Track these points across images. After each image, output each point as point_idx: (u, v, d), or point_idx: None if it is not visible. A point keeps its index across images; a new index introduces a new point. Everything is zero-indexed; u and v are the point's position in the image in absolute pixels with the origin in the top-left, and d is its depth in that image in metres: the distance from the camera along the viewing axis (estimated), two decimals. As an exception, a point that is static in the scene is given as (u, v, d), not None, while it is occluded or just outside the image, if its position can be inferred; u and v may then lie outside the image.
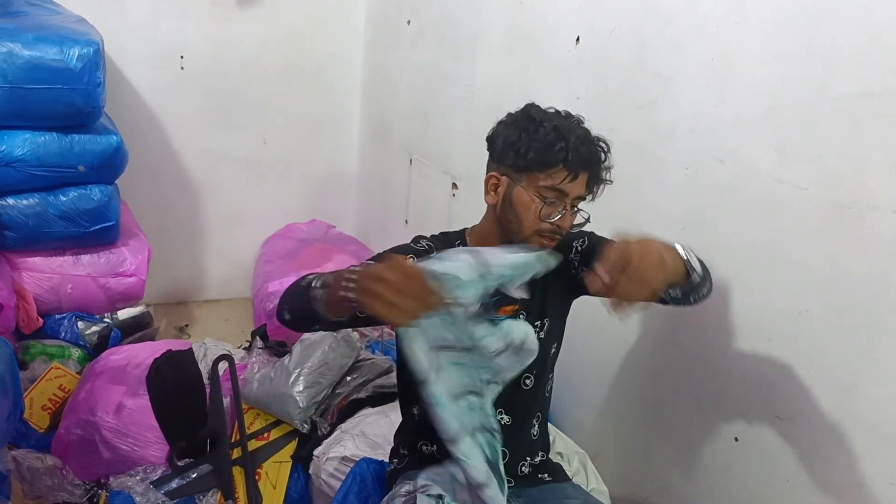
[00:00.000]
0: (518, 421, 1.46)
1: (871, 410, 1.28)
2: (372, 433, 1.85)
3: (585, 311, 1.71)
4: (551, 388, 1.55)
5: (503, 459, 1.28)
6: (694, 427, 1.70)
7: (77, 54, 2.26)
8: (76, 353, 2.38)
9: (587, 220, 1.39)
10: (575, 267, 1.43)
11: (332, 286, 1.08)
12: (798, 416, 1.42)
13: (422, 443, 1.47)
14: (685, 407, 1.74)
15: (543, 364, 1.48)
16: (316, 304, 1.11)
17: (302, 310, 1.16)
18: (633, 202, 1.79)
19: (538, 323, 1.43)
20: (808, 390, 1.39)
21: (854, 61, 1.27)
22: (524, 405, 1.47)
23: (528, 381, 1.45)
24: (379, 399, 2.05)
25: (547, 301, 1.44)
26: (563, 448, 1.98)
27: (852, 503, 1.32)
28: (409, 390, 1.47)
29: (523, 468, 1.50)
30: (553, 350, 1.51)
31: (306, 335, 2.17)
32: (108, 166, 2.48)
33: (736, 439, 1.57)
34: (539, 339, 1.31)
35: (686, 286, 1.23)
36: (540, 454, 1.54)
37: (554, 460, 1.63)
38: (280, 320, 1.23)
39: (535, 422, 1.51)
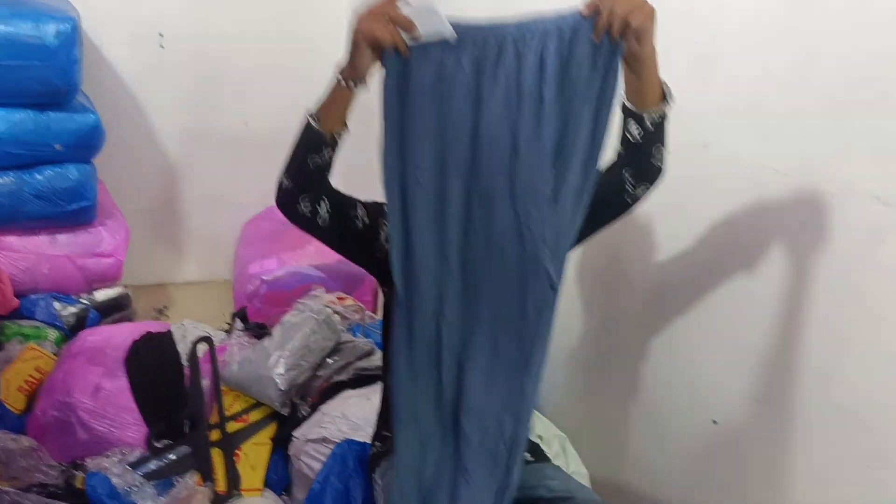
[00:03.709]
0: None
1: (849, 395, 1.30)
2: (353, 415, 1.84)
3: (563, 295, 1.71)
4: None
5: None
6: (673, 410, 1.72)
7: (54, 31, 2.22)
8: (53, 334, 2.34)
9: None
10: None
11: (324, 97, 1.23)
12: (776, 399, 1.44)
13: None
14: (664, 390, 1.75)
15: None
16: (311, 129, 1.22)
17: (300, 160, 1.24)
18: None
19: None
20: (787, 374, 1.41)
21: (837, 48, 1.28)
22: None
23: None
24: (360, 381, 2.05)
25: None
26: (543, 431, 1.99)
27: (830, 486, 1.34)
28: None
29: None
30: None
31: (286, 317, 2.16)
32: (86, 145, 2.45)
33: (714, 422, 1.59)
34: None
35: (655, 117, 1.22)
36: None
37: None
38: (279, 197, 1.30)
39: None
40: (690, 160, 1.61)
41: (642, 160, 1.27)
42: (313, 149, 1.23)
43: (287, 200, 1.28)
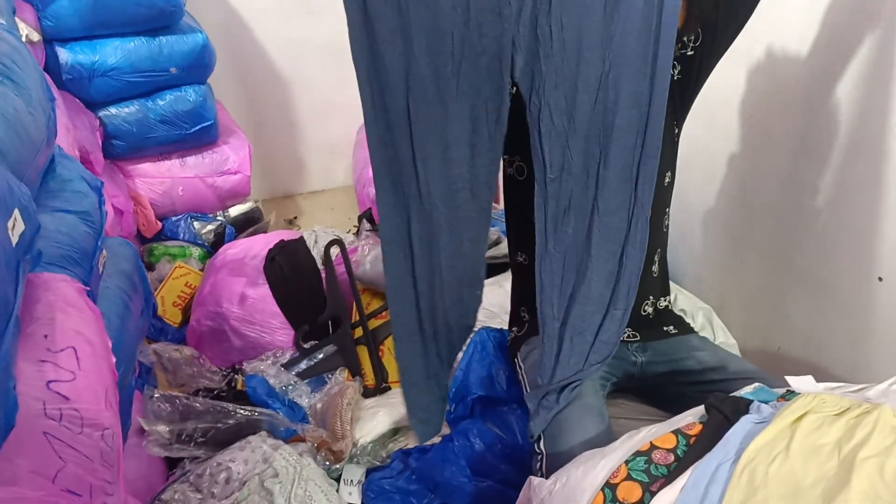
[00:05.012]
0: None
1: None
2: (488, 303, 1.83)
3: (697, 157, 1.60)
4: (668, 223, 1.48)
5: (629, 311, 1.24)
6: (829, 270, 1.59)
7: (152, -47, 2.22)
8: (196, 251, 2.48)
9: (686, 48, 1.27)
10: (675, 80, 1.35)
11: None
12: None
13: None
14: (818, 250, 1.62)
15: (660, 193, 1.40)
16: None
17: None
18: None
19: None
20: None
21: None
22: None
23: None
24: (491, 270, 2.03)
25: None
26: (686, 304, 1.92)
27: None
28: (516, 235, 1.48)
29: (646, 308, 1.46)
30: (668, 179, 1.42)
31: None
32: (198, 65, 2.48)
33: (880, 279, 1.46)
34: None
35: None
36: (662, 298, 1.49)
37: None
38: None
39: (655, 258, 1.45)
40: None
41: None
42: None
43: None
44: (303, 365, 1.87)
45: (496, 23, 1.05)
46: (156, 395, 1.58)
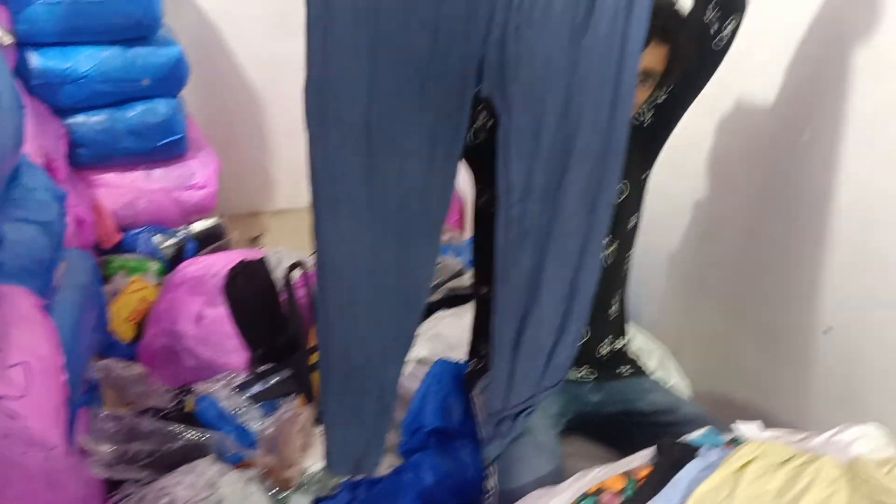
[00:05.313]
0: (597, 297, 1.41)
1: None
2: (447, 334, 1.84)
3: (664, 202, 1.63)
4: (630, 267, 1.50)
5: (582, 339, 1.26)
6: (779, 320, 1.63)
7: (133, -37, 2.22)
8: (154, 265, 2.43)
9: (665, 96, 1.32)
10: (647, 126, 1.39)
11: None
12: (899, 304, 1.33)
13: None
14: (770, 299, 1.66)
15: (624, 236, 1.44)
16: None
17: None
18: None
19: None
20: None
21: None
22: (604, 281, 1.40)
23: (608, 256, 1.42)
24: (453, 301, 2.03)
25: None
26: (643, 345, 1.94)
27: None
28: (482, 267, 1.48)
29: (603, 349, 1.47)
30: (633, 222, 1.45)
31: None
32: (171, 78, 2.47)
33: (829, 330, 1.49)
34: (617, 203, 1.27)
35: None
36: (619, 339, 1.50)
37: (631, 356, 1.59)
38: None
39: (613, 299, 1.47)
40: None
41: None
42: None
43: None
44: (256, 388, 1.84)
45: (463, 44, 1.08)
46: (101, 414, 1.54)
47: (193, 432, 1.58)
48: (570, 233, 1.19)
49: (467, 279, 2.12)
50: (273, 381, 1.86)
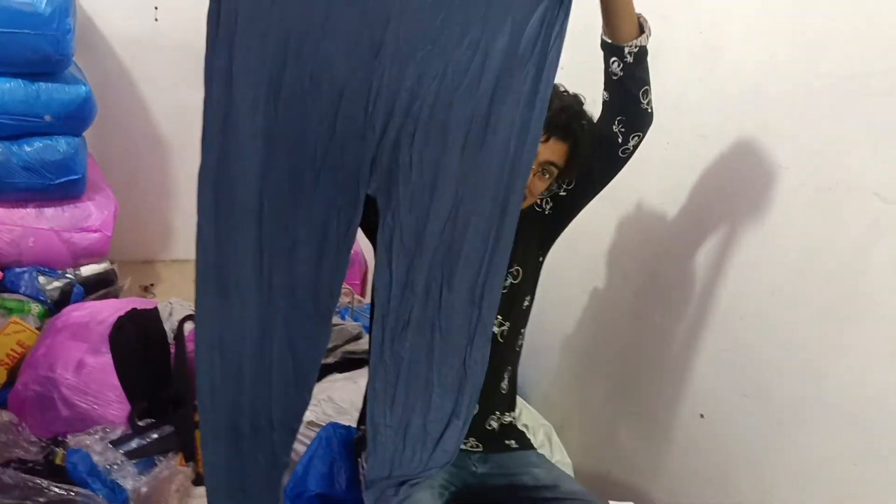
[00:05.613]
0: (489, 373, 1.45)
1: (836, 391, 1.29)
2: (339, 398, 1.83)
3: (557, 283, 1.70)
4: (522, 343, 1.56)
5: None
6: (660, 402, 1.71)
7: (46, -1, 2.17)
8: (36, 308, 2.31)
9: (560, 188, 1.40)
10: (546, 215, 1.47)
11: None
12: (765, 394, 1.43)
13: None
14: (652, 382, 1.74)
15: (517, 316, 1.50)
16: None
17: None
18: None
19: (510, 271, 1.42)
20: (776, 369, 1.40)
21: (842, 41, 1.26)
22: (496, 358, 1.44)
23: (501, 334, 1.47)
24: (348, 365, 2.03)
25: (518, 249, 1.38)
26: (529, 420, 1.99)
27: (816, 483, 1.33)
28: None
29: (491, 423, 1.50)
30: (526, 303, 1.52)
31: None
32: (76, 117, 2.40)
33: (702, 416, 1.58)
34: (511, 285, 1.33)
35: (634, 49, 1.24)
36: (508, 413, 1.54)
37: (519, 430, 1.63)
38: None
39: (504, 375, 1.52)
40: (688, 150, 1.60)
41: (630, 103, 1.29)
42: None
43: None
44: (134, 444, 1.76)
45: (359, 143, 1.09)
46: (-39, 462, 1.44)
47: (60, 488, 1.49)
48: (455, 328, 1.21)
49: (364, 343, 2.12)
50: (153, 437, 1.78)
